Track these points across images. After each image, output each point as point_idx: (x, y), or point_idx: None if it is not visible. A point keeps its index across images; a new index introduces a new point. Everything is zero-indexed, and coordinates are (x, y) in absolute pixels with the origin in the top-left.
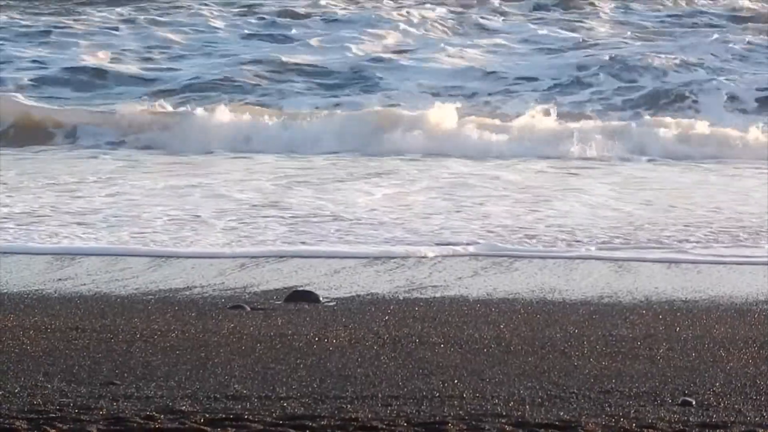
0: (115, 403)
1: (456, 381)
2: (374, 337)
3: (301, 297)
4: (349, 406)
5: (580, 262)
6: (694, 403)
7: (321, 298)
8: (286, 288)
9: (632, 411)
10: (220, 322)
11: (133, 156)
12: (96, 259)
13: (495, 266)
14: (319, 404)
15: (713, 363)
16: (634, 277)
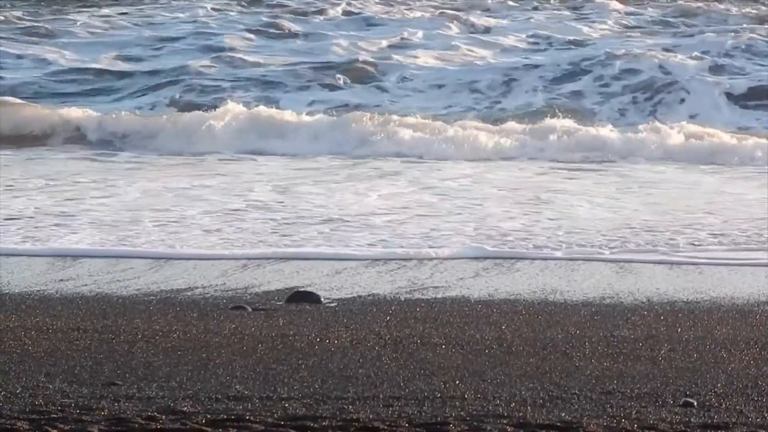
0: (116, 404)
1: (457, 382)
2: (376, 337)
3: (303, 298)
4: (350, 407)
5: (581, 263)
6: (696, 404)
7: (322, 299)
8: (287, 289)
9: (634, 412)
10: (222, 323)
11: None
12: (97, 259)
13: (496, 267)
14: (321, 405)
15: (715, 364)
16: (636, 278)
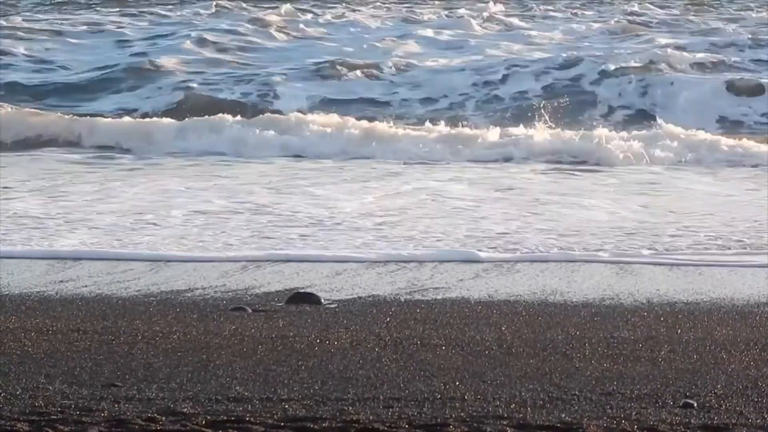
0: (116, 405)
1: (457, 383)
2: (376, 339)
3: (303, 299)
4: (350, 408)
5: (581, 264)
6: (696, 405)
7: (322, 300)
8: (287, 290)
9: (634, 413)
10: (222, 324)
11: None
12: (97, 261)
13: (496, 268)
14: (321, 406)
15: (715, 365)
16: (636, 279)
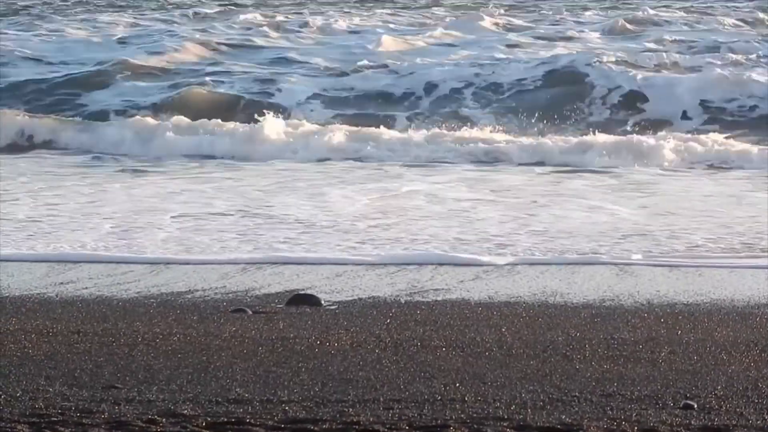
0: (116, 407)
1: (458, 384)
2: (376, 340)
3: (303, 300)
4: (350, 410)
5: (581, 266)
6: (696, 406)
7: (322, 302)
8: (287, 291)
9: (634, 414)
10: (222, 326)
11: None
12: (97, 263)
13: (496, 270)
14: (321, 408)
15: (715, 366)
16: (636, 280)
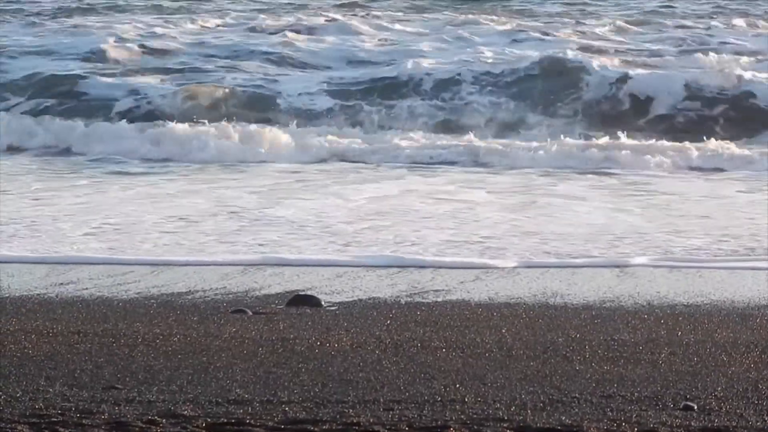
0: (116, 408)
1: (458, 385)
2: (376, 341)
3: (303, 301)
4: (350, 411)
5: (581, 267)
6: (696, 407)
7: (323, 303)
8: (287, 292)
9: (634, 415)
10: (222, 327)
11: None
12: (97, 264)
13: (496, 271)
14: (321, 408)
15: (715, 367)
16: (636, 281)
